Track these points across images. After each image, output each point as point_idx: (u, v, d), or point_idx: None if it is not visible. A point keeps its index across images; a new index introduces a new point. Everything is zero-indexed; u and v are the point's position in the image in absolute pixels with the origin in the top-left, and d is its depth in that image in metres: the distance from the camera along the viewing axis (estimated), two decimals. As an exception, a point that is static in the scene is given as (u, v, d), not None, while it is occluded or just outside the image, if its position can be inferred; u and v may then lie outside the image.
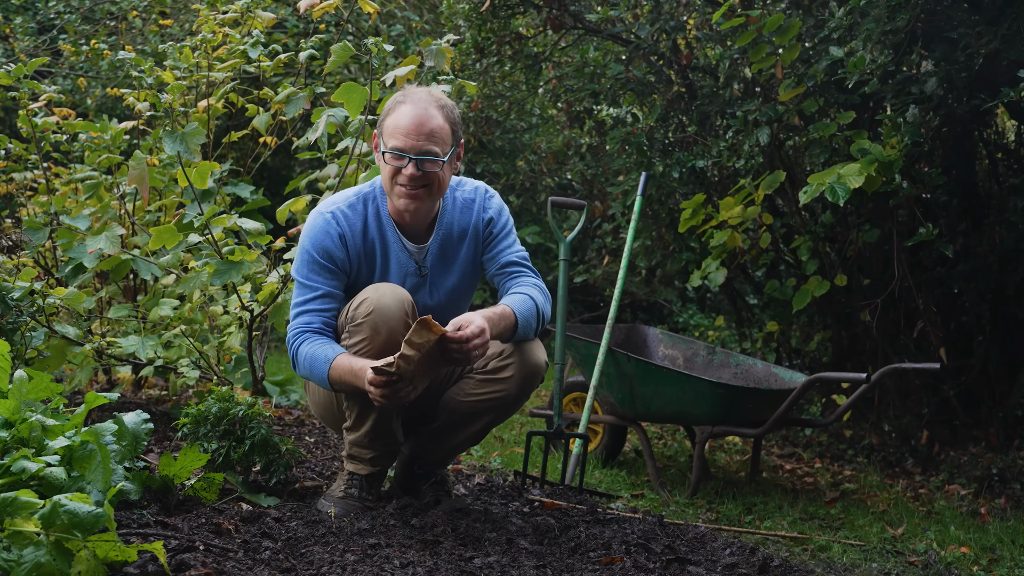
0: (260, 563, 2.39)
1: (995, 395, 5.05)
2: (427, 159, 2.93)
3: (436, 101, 2.99)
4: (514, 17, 6.34)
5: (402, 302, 2.92)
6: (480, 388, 3.04)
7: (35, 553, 1.99)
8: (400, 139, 2.93)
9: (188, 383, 4.25)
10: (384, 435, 3.04)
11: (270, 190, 6.62)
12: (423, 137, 2.93)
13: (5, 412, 2.43)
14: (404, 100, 2.98)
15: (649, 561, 2.73)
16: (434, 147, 2.94)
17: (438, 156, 2.94)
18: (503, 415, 3.12)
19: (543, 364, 3.05)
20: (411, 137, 2.93)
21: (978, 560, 3.40)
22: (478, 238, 3.16)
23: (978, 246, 4.87)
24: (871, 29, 4.37)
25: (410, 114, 2.94)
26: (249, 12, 4.57)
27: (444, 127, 2.97)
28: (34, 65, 4.42)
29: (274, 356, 7.03)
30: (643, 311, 8.72)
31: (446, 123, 2.98)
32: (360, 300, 2.93)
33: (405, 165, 2.93)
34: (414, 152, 2.93)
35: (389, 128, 2.97)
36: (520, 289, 3.10)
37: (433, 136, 2.94)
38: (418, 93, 3.00)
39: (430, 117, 2.95)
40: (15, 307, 3.75)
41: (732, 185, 5.68)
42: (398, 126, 2.94)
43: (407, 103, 2.97)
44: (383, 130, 3.00)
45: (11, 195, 5.05)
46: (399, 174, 2.95)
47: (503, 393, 3.03)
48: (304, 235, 3.04)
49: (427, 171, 2.95)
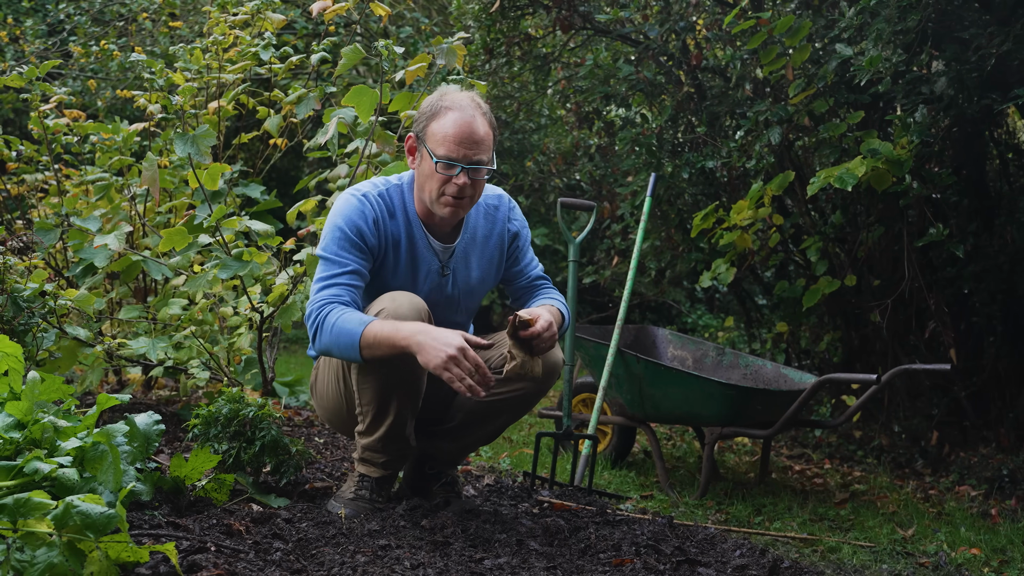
0: (271, 564, 2.40)
1: (1005, 396, 5.03)
2: (477, 168, 2.92)
3: (479, 107, 2.96)
4: (523, 18, 6.34)
5: (419, 312, 2.90)
6: (499, 387, 3.04)
7: (48, 554, 1.99)
8: (452, 148, 2.90)
9: (198, 384, 4.26)
10: (398, 439, 3.03)
11: (280, 191, 6.63)
12: (473, 146, 2.91)
13: (18, 413, 2.44)
14: (450, 106, 2.93)
15: (659, 563, 2.73)
16: (483, 155, 2.93)
17: (486, 164, 2.94)
18: (520, 412, 3.14)
19: (561, 361, 3.06)
20: (463, 146, 2.90)
21: (989, 562, 3.39)
22: (503, 247, 3.18)
23: (988, 246, 4.85)
24: (882, 29, 4.36)
25: (458, 122, 2.91)
26: (259, 14, 4.58)
27: (489, 134, 2.96)
28: (46, 67, 4.44)
29: (284, 357, 7.05)
30: (652, 312, 8.72)
31: (489, 129, 2.97)
32: (377, 310, 2.90)
33: (456, 175, 2.91)
34: (465, 162, 2.90)
35: (437, 136, 2.92)
36: (554, 295, 3.20)
37: (481, 145, 2.92)
38: (461, 98, 2.95)
39: (478, 125, 2.92)
40: (27, 308, 3.76)
41: (741, 186, 5.68)
42: (447, 134, 2.90)
43: (453, 109, 2.92)
44: (427, 135, 2.94)
45: (22, 196, 5.07)
46: (448, 183, 2.92)
47: (523, 391, 3.05)
48: (335, 213, 2.97)
49: (475, 180, 2.94)
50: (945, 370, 3.86)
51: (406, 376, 2.92)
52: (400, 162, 3.79)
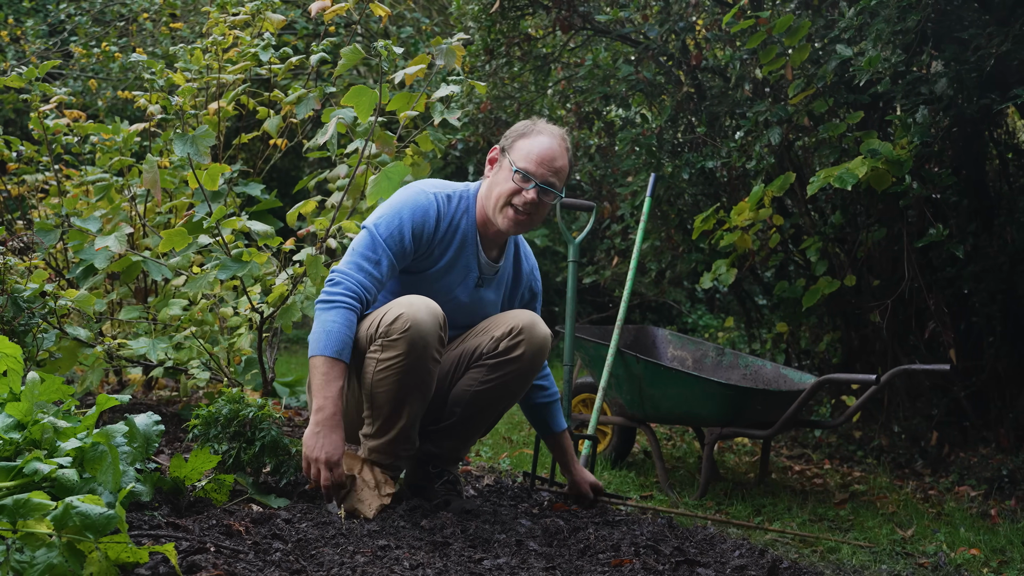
0: (271, 564, 2.40)
1: (1005, 396, 5.03)
2: (548, 190, 3.13)
3: (564, 140, 3.21)
4: (523, 18, 6.34)
5: (437, 318, 2.99)
6: (494, 372, 3.13)
7: (47, 554, 2.00)
8: (532, 164, 3.12)
9: (198, 384, 4.26)
10: (406, 441, 3.07)
11: (280, 191, 6.64)
12: (551, 170, 3.14)
13: (18, 414, 2.45)
14: (541, 131, 3.18)
15: (658, 563, 2.73)
16: (556, 181, 3.16)
17: (556, 190, 3.15)
18: (517, 395, 3.23)
19: (549, 336, 3.19)
20: (543, 166, 3.13)
21: (988, 562, 3.39)
22: (517, 291, 3.41)
23: (988, 247, 4.85)
24: (881, 29, 4.37)
25: (546, 145, 3.15)
26: (259, 15, 4.58)
27: (566, 167, 3.20)
28: (46, 68, 4.44)
29: (284, 357, 7.05)
30: (652, 312, 8.72)
31: (567, 164, 3.20)
32: (395, 315, 2.96)
33: (528, 188, 3.11)
34: (540, 180, 3.12)
35: (522, 150, 3.14)
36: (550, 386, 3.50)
37: (559, 172, 3.16)
38: (552, 128, 3.20)
39: (560, 155, 3.17)
40: (27, 309, 3.77)
41: (741, 186, 5.68)
42: (531, 152, 3.13)
43: (544, 135, 3.17)
44: (513, 149, 3.16)
45: (23, 197, 5.07)
46: (518, 195, 3.12)
47: (516, 372, 3.14)
48: (403, 202, 3.13)
49: (543, 200, 3.14)
50: (945, 370, 3.86)
51: (424, 377, 3.00)
52: (399, 163, 3.78)
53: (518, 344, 3.11)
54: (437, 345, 2.98)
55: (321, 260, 3.65)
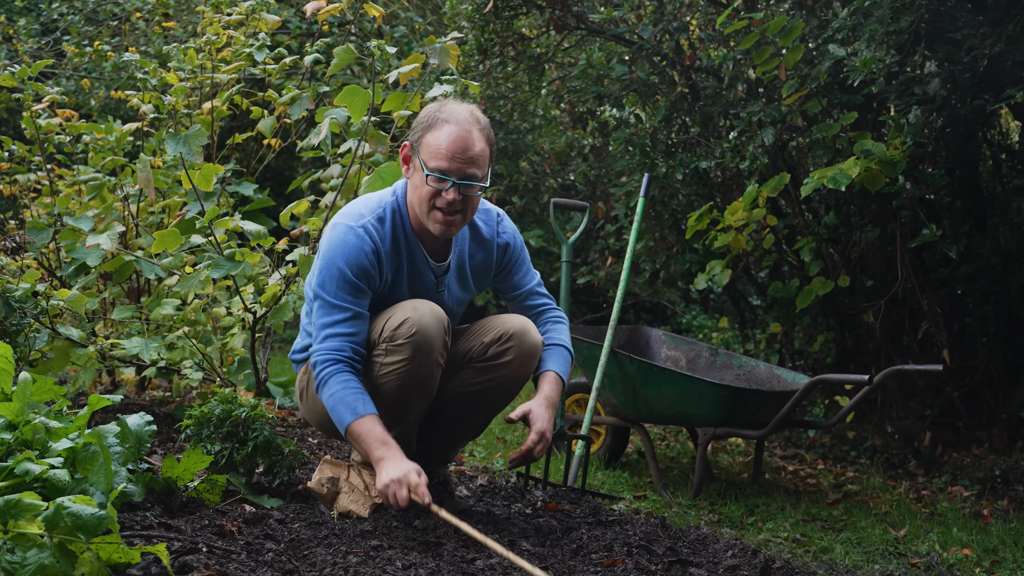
0: (263, 565, 2.40)
1: (998, 397, 5.04)
2: (469, 184, 2.88)
3: (477, 121, 2.91)
4: (517, 18, 6.34)
5: (441, 322, 2.92)
6: (482, 376, 3.06)
7: (39, 555, 1.99)
8: (444, 161, 2.85)
9: (191, 384, 4.26)
10: (405, 444, 3.03)
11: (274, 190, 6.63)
12: (466, 161, 2.86)
13: (9, 414, 2.44)
14: (447, 119, 2.88)
15: (651, 563, 2.73)
16: (476, 171, 2.88)
17: (479, 180, 2.89)
18: (506, 400, 3.14)
19: (540, 343, 3.06)
20: (455, 160, 2.85)
21: (980, 562, 3.40)
22: (490, 261, 3.15)
23: (982, 247, 4.86)
24: (875, 30, 4.37)
25: (453, 135, 2.86)
26: (254, 14, 4.58)
27: (485, 150, 2.91)
28: (38, 67, 4.43)
29: (277, 357, 7.04)
30: (646, 312, 8.72)
31: (486, 145, 2.92)
32: (400, 319, 2.88)
33: (447, 188, 2.86)
34: (457, 176, 2.86)
35: (430, 147, 2.88)
36: (555, 337, 3.17)
37: (475, 160, 2.87)
38: (459, 111, 2.90)
39: (473, 140, 2.87)
40: (18, 309, 3.75)
41: (735, 186, 5.68)
42: (440, 147, 2.86)
43: (450, 122, 2.87)
44: (421, 146, 2.90)
45: (15, 197, 5.06)
46: (438, 196, 2.88)
47: (505, 377, 3.06)
48: (333, 251, 2.91)
49: (467, 195, 2.89)
50: (938, 371, 3.87)
51: (427, 382, 2.95)
52: (393, 163, 3.79)
53: (507, 351, 3.03)
54: (441, 350, 2.92)
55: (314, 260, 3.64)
